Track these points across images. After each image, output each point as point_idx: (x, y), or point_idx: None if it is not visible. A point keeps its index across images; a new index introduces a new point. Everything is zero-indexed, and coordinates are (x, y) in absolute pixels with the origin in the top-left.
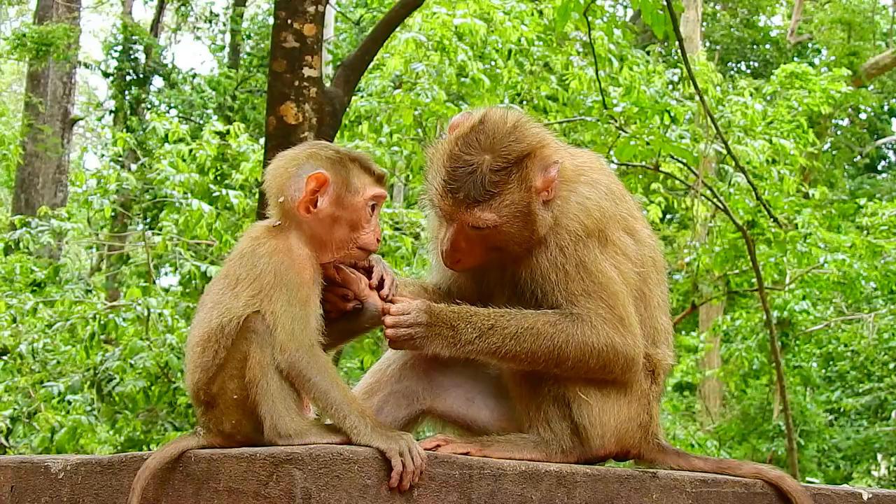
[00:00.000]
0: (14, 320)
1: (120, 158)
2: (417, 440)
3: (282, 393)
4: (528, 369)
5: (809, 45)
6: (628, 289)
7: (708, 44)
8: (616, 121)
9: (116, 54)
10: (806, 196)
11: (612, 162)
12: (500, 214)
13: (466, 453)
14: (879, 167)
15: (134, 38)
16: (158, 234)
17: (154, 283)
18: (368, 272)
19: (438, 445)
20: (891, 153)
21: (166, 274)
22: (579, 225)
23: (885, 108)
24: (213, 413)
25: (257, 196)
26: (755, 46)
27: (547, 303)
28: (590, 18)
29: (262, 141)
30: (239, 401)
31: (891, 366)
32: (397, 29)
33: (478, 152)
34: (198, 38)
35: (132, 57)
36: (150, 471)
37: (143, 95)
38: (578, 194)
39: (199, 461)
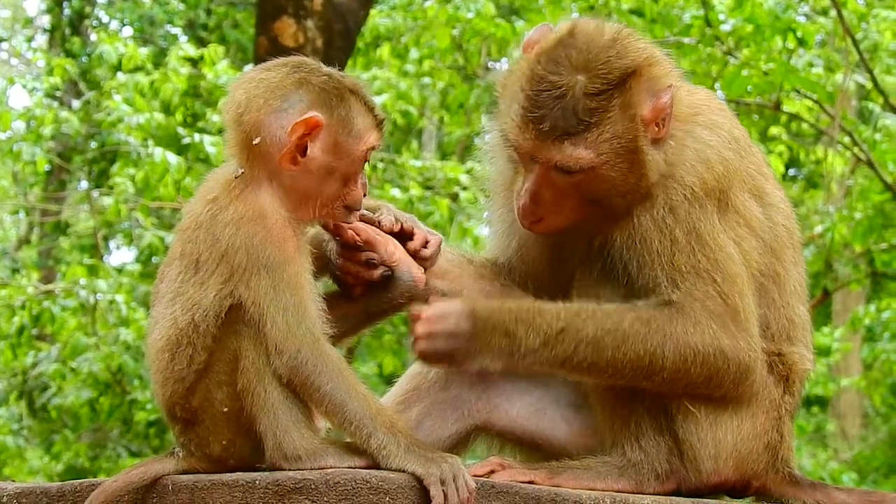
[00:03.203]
0: None
1: (57, 93)
2: (465, 464)
3: (286, 402)
4: (608, 383)
5: None
6: (749, 273)
7: None
8: (723, 43)
9: None
10: None
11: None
12: (598, 151)
13: (530, 482)
14: None
15: None
16: (109, 195)
17: (103, 259)
18: (402, 236)
19: (493, 471)
20: None
21: (119, 248)
22: (697, 179)
23: None
24: (195, 432)
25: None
26: None
27: (642, 280)
28: None
29: (247, 69)
30: (230, 415)
31: None
32: None
33: (568, 71)
34: None
35: None
36: (106, 496)
37: (88, 9)
38: (697, 138)
39: (180, 490)
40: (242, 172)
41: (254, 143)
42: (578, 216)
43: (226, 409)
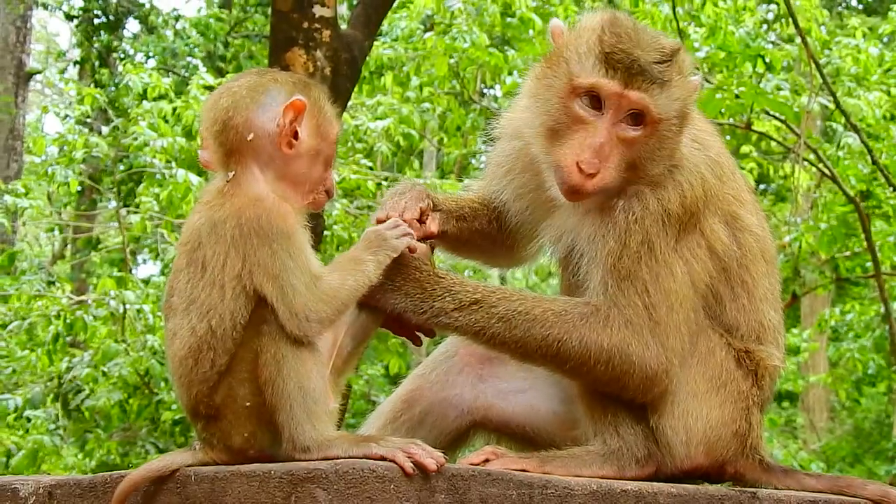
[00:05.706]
0: None
1: (87, 120)
2: (463, 455)
3: (300, 393)
4: (524, 362)
5: None
6: (693, 293)
7: None
8: (698, 69)
9: None
10: None
11: None
12: (667, 108)
13: (523, 470)
14: None
15: None
16: (136, 213)
17: (131, 272)
18: None
19: (488, 459)
20: None
21: (145, 261)
22: (677, 197)
23: None
24: (217, 426)
25: None
26: None
27: (583, 276)
28: None
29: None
30: (253, 408)
31: None
32: None
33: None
34: None
35: None
36: (132, 484)
37: (116, 43)
38: (688, 154)
39: (201, 480)
40: (234, 175)
41: (248, 139)
42: (615, 179)
43: (248, 404)
